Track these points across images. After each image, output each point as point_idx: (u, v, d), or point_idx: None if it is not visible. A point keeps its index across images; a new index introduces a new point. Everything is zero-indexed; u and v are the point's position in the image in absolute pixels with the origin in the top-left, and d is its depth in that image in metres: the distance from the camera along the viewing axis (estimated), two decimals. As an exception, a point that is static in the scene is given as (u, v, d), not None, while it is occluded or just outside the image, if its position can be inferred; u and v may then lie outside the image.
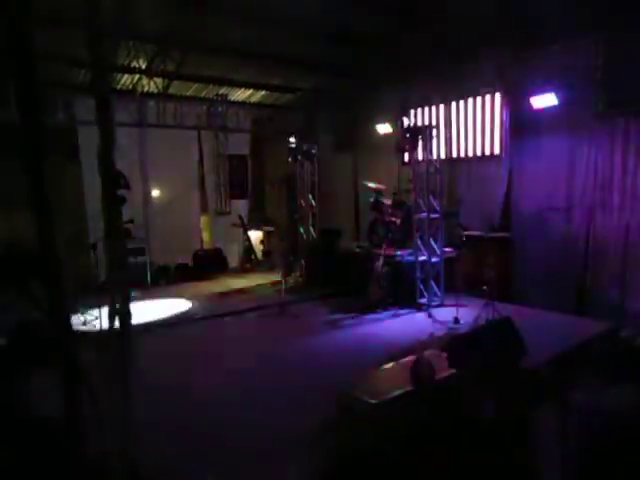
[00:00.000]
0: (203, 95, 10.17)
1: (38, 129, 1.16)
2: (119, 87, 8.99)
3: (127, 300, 1.51)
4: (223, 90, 10.12)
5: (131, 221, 7.64)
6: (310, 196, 9.63)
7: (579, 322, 6.05)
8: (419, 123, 8.50)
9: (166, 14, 6.75)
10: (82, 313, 6.45)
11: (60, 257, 1.35)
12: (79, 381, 1.48)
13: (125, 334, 1.56)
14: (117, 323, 1.55)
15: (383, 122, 8.67)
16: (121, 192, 1.57)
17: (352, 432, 3.58)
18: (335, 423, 3.70)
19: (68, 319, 1.34)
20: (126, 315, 1.51)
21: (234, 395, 4.35)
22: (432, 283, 7.08)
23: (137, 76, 8.58)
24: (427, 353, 4.28)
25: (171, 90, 9.35)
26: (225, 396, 4.33)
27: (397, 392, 3.71)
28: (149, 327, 6.43)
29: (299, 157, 9.45)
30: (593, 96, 6.29)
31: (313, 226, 9.63)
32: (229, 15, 6.97)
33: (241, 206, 11.67)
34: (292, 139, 9.99)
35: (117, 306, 1.57)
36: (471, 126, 7.96)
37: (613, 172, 6.27)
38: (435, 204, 7.12)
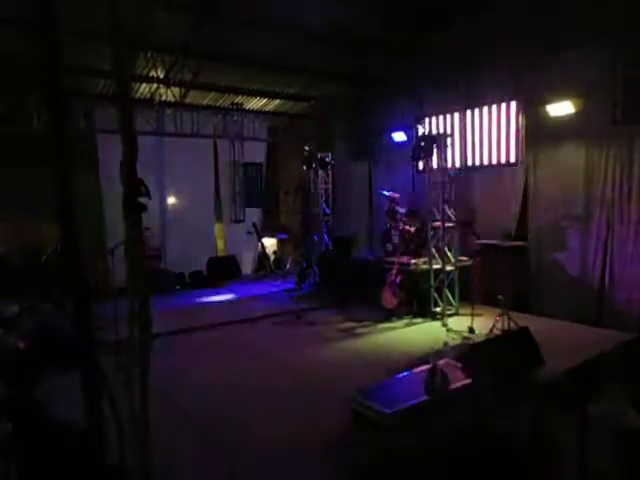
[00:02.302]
0: (219, 104, 10.30)
1: (64, 138, 1.20)
2: (137, 96, 9.15)
3: (147, 305, 1.55)
4: (239, 99, 10.24)
5: (147, 228, 7.73)
6: (324, 204, 9.66)
7: (598, 332, 5.96)
8: (434, 131, 8.49)
9: (183, 26, 6.87)
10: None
11: (82, 263, 1.39)
12: (99, 384, 1.50)
13: (145, 339, 1.59)
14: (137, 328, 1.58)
15: (399, 130, 8.68)
16: (142, 200, 1.60)
17: (367, 440, 3.56)
18: (350, 431, 3.69)
19: (91, 323, 1.38)
20: (146, 320, 1.54)
21: (246, 402, 4.36)
22: (447, 292, 7.03)
23: (155, 85, 8.73)
24: (442, 363, 4.25)
25: (188, 99, 9.49)
26: (237, 403, 4.34)
27: (412, 401, 3.70)
28: (164, 332, 6.48)
29: (314, 165, 9.49)
30: (610, 103, 6.23)
31: (327, 234, 9.64)
32: (244, 25, 7.07)
33: (255, 214, 11.73)
34: (307, 147, 10.06)
35: (137, 311, 1.60)
36: (487, 134, 7.92)
37: (632, 180, 6.19)
38: (450, 213, 7.09)
